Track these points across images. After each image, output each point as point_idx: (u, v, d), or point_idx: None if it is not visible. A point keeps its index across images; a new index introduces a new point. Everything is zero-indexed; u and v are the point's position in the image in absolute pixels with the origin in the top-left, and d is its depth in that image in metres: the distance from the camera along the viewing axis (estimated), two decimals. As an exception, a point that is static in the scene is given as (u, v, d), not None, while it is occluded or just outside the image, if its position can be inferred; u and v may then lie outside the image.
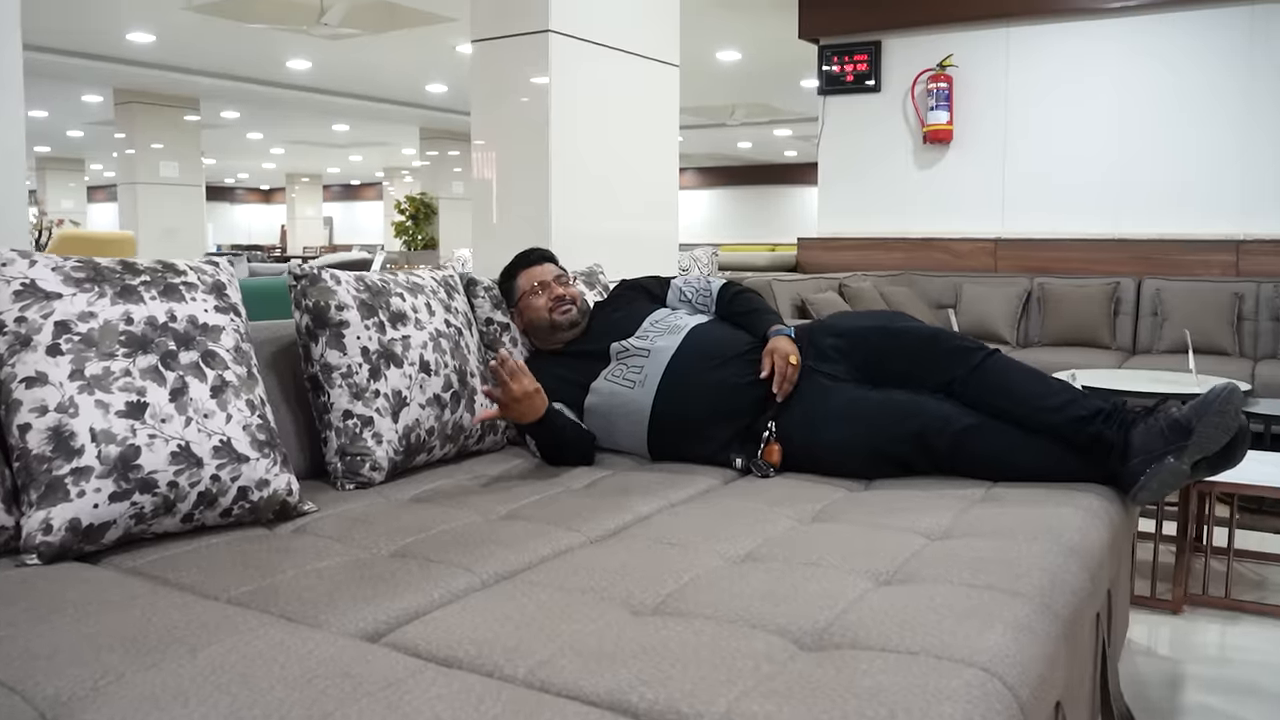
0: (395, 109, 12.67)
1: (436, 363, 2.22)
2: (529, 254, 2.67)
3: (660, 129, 3.96)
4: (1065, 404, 2.08)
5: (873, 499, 1.99)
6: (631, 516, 1.89)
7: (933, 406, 2.13)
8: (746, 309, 2.53)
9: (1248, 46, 5.31)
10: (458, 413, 2.26)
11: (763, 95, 12.09)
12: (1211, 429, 1.93)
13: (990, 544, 1.65)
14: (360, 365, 2.09)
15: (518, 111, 3.45)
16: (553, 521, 1.83)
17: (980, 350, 2.19)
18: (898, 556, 1.60)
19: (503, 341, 2.59)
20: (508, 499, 2.00)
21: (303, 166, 22.89)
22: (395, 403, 2.12)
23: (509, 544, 1.67)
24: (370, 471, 2.07)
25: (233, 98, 11.79)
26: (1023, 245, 5.91)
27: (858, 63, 6.28)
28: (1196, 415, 1.94)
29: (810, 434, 2.20)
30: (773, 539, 1.71)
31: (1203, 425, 1.93)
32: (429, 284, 2.36)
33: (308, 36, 8.27)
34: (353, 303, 2.12)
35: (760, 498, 2.00)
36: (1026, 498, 1.97)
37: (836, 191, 6.58)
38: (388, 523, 1.81)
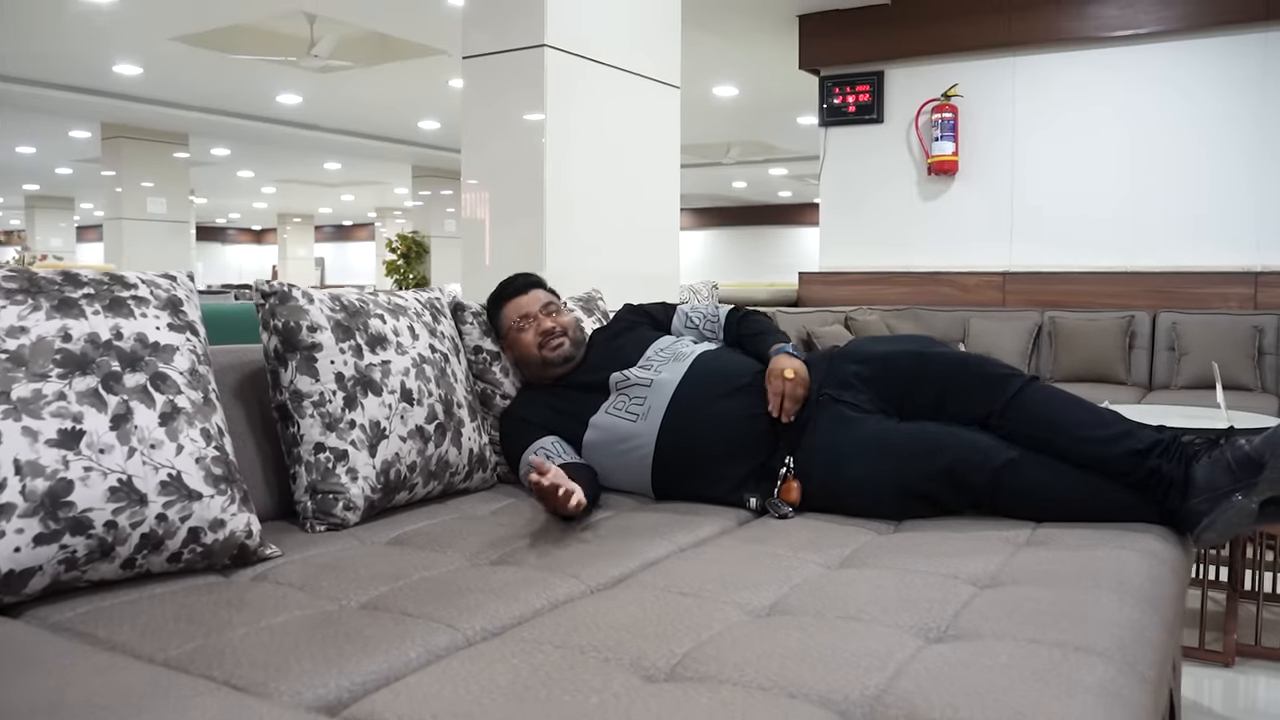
0: (387, 146, 12.54)
1: (420, 391, 2.02)
2: (512, 282, 2.45)
3: (660, 155, 3.78)
4: (1118, 436, 1.88)
5: (906, 542, 1.77)
6: (638, 562, 1.67)
7: (968, 439, 1.93)
8: (754, 331, 2.34)
9: (1261, 73, 5.18)
10: (443, 446, 2.05)
11: (759, 133, 12.00)
12: None
13: (1050, 593, 1.44)
14: (334, 393, 1.88)
15: (511, 133, 3.27)
16: (549, 568, 1.61)
17: (1018, 376, 1.99)
18: (946, 608, 1.39)
19: (492, 371, 2.38)
20: (498, 542, 1.78)
21: (294, 206, 22.75)
22: (373, 435, 1.91)
23: (499, 594, 1.46)
24: (344, 511, 1.85)
25: (222, 133, 11.65)
26: (1032, 278, 5.73)
27: (860, 94, 6.14)
28: (1270, 449, 1.74)
29: (832, 470, 1.99)
30: (800, 588, 1.50)
31: (1276, 460, 1.73)
32: (413, 306, 2.16)
33: (297, 69, 8.13)
34: (327, 324, 1.92)
35: (780, 541, 1.79)
36: (1079, 539, 1.76)
37: (838, 225, 6.41)
38: (360, 569, 1.59)
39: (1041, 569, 1.57)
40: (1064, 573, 1.54)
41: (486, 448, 2.23)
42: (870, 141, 6.19)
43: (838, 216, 6.41)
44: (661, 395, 2.15)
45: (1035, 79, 5.73)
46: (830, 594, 1.45)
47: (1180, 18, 5.26)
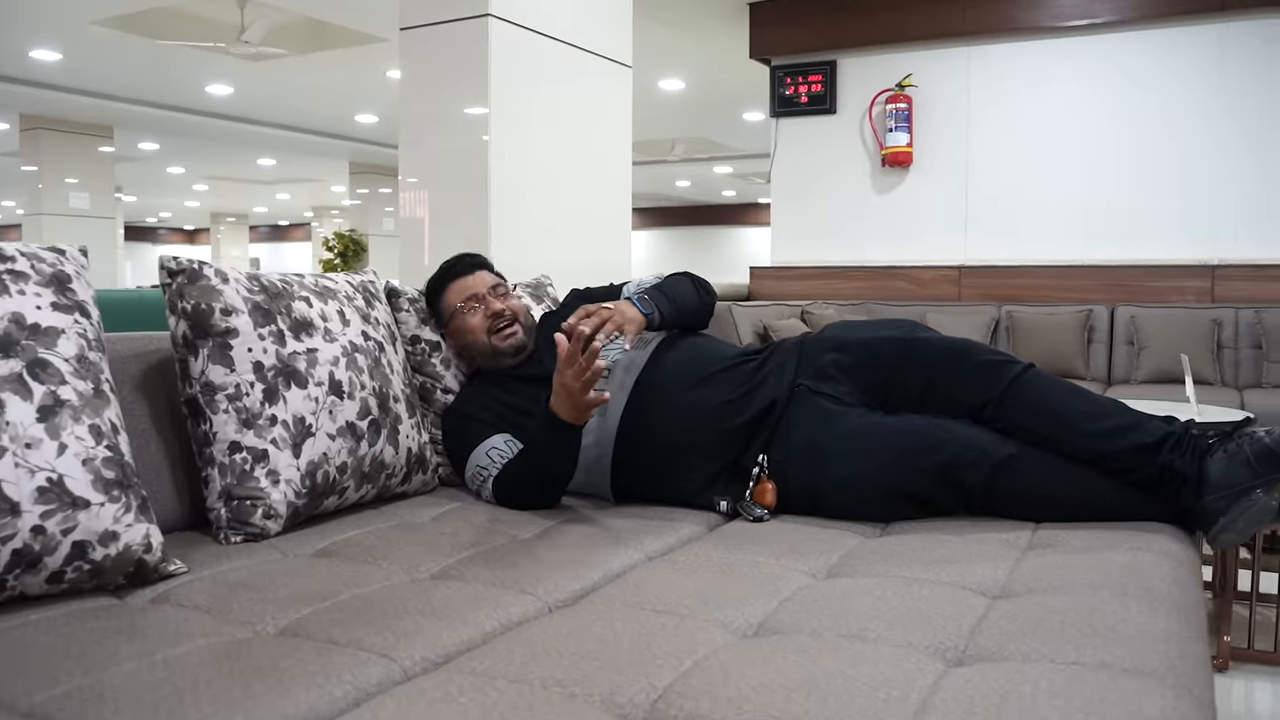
0: (323, 141, 12.15)
1: (351, 383, 1.79)
2: (457, 262, 2.22)
3: (612, 138, 3.59)
4: (1125, 428, 1.72)
5: (898, 546, 1.59)
6: (600, 574, 1.47)
7: (962, 434, 1.76)
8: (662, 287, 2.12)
9: (1217, 65, 5.13)
10: (377, 445, 1.82)
11: (705, 129, 11.85)
12: None
13: (1072, 603, 1.27)
14: (252, 385, 1.65)
15: (453, 112, 3.05)
16: (499, 582, 1.40)
17: (1014, 363, 1.82)
18: (961, 623, 1.21)
19: (432, 363, 2.16)
20: (439, 552, 1.56)
21: (228, 205, 22.11)
22: (297, 432, 1.68)
23: (442, 615, 1.25)
24: (263, 520, 1.63)
25: (150, 126, 11.18)
26: (988, 272, 5.63)
27: (812, 84, 6.00)
28: None
29: (812, 470, 1.81)
30: (790, 602, 1.31)
31: None
32: (343, 289, 1.94)
33: (228, 57, 7.79)
34: (244, 306, 1.68)
35: (759, 547, 1.59)
36: (1086, 541, 1.59)
37: (790, 219, 6.26)
38: (280, 587, 1.37)
39: (1056, 575, 1.40)
40: (1081, 579, 1.37)
41: (427, 447, 2.02)
42: (823, 133, 6.05)
43: (789, 210, 6.26)
44: (625, 386, 1.95)
45: (990, 69, 5.63)
46: (826, 609, 1.26)
47: (1136, 7, 5.20)
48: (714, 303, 2.24)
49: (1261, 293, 4.98)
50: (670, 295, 2.07)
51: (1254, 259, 5.08)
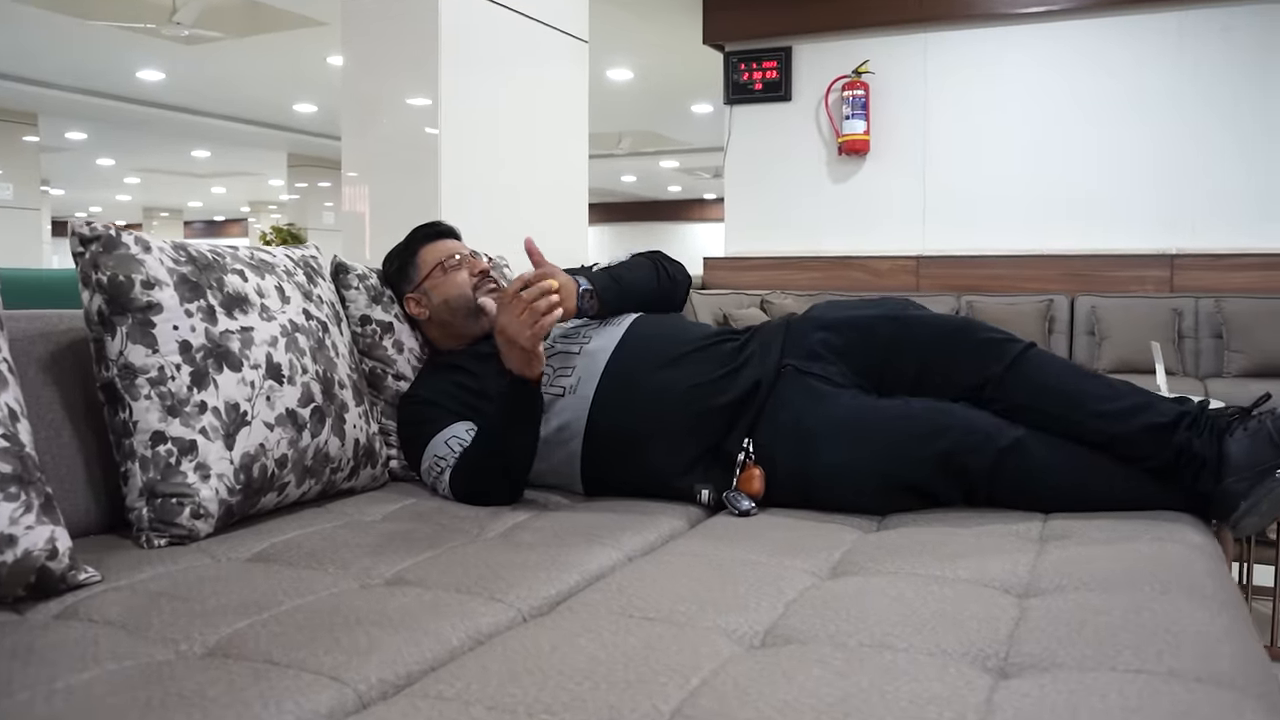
0: (260, 132, 11.78)
1: (292, 366, 1.60)
2: (434, 226, 2.08)
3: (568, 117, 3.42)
4: (1136, 408, 1.59)
5: (902, 541, 1.45)
6: (578, 577, 1.31)
7: (964, 417, 1.62)
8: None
9: (1177, 52, 5.10)
10: (321, 435, 1.64)
11: (653, 122, 11.70)
12: None
13: (1112, 600, 1.13)
14: (178, 367, 1.46)
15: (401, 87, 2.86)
16: (463, 587, 1.23)
17: (1015, 341, 1.69)
18: (996, 626, 1.07)
19: (383, 346, 1.97)
20: (394, 554, 1.39)
21: (161, 200, 21.46)
22: (230, 421, 1.49)
23: (400, 627, 1.07)
24: (191, 520, 1.43)
25: (77, 114, 10.73)
26: (947, 262, 5.55)
27: (767, 70, 5.87)
28: None
29: (802, 456, 1.66)
30: (798, 605, 1.16)
31: None
32: (282, 263, 1.74)
33: (159, 40, 7.45)
34: (168, 279, 1.49)
35: (751, 543, 1.44)
36: (1103, 532, 1.47)
37: (744, 208, 6.13)
38: (209, 598, 1.18)
39: (1084, 570, 1.26)
40: (1114, 574, 1.24)
41: (376, 437, 1.83)
42: (778, 120, 5.92)
43: (744, 200, 6.13)
44: (594, 363, 1.79)
45: (948, 56, 5.55)
46: (840, 612, 1.11)
47: (1093, -6, 5.17)
48: (685, 284, 2.09)
49: (1220, 282, 4.97)
50: (617, 275, 1.91)
51: (1212, 248, 5.06)
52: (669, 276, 2.04)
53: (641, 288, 1.95)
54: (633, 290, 1.91)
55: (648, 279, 1.99)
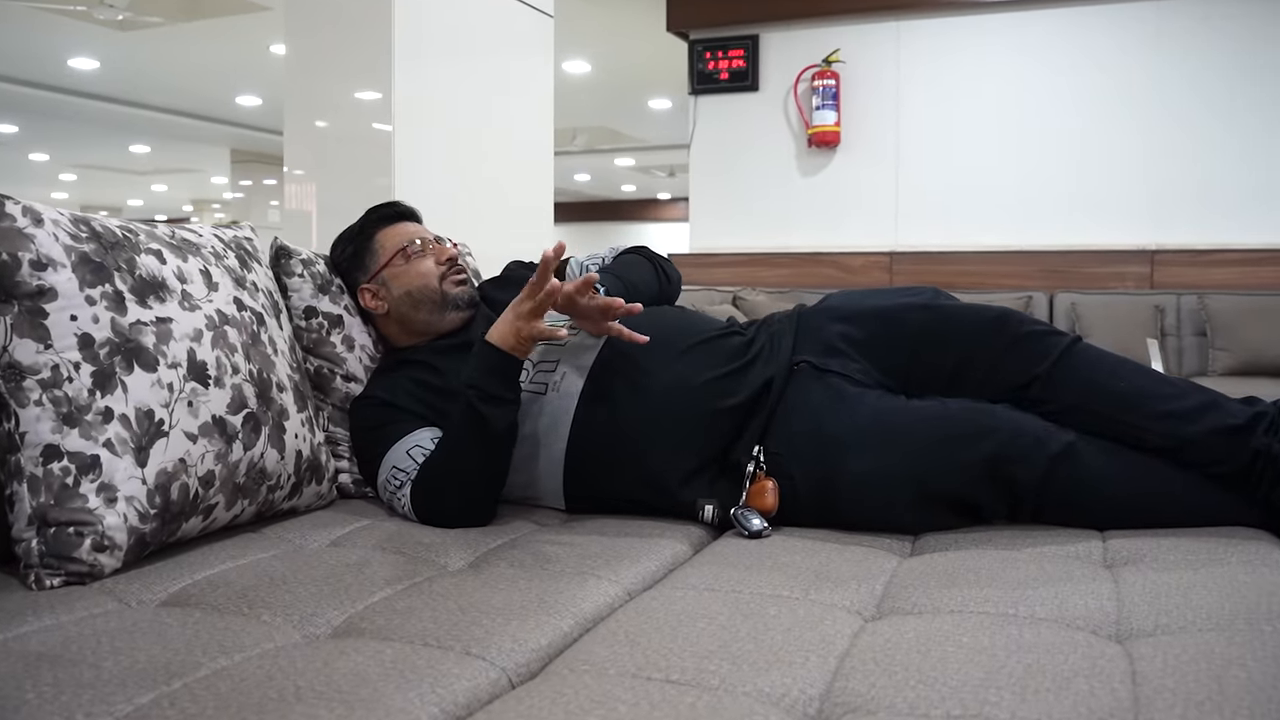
0: (202, 125, 11.33)
1: (220, 365, 1.34)
2: (391, 207, 1.82)
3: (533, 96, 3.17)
4: (1204, 407, 1.40)
5: (951, 568, 1.23)
6: (572, 622, 1.06)
7: (1009, 419, 1.41)
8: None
9: (1154, 43, 4.97)
10: (256, 447, 1.38)
11: (609, 118, 11.45)
12: None
13: (1239, 647, 0.92)
14: (77, 366, 1.20)
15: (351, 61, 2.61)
16: (433, 639, 0.99)
17: (1061, 335, 1.49)
18: (1114, 687, 0.85)
19: (330, 342, 1.71)
20: (343, 594, 1.14)
21: (99, 198, 20.77)
22: (143, 431, 1.23)
23: (355, 701, 0.83)
24: (93, 554, 1.17)
25: (5, 105, 10.21)
26: (921, 258, 5.37)
27: (733, 59, 5.65)
28: None
29: (823, 466, 1.43)
30: (855, 660, 0.93)
31: None
32: (210, 244, 1.48)
33: (92, 25, 7.07)
34: (65, 258, 1.22)
35: (774, 575, 1.21)
36: (1177, 553, 1.27)
37: (711, 203, 5.90)
38: (108, 660, 0.93)
39: (1183, 604, 1.05)
40: (1220, 609, 1.03)
41: (322, 449, 1.57)
42: (745, 111, 5.70)
43: (710, 194, 5.90)
44: (581, 359, 1.55)
45: (921, 45, 5.37)
46: (912, 670, 0.88)
47: (1069, -17, 5.02)
48: (679, 283, 1.86)
49: (1200, 278, 4.84)
50: (625, 279, 1.68)
51: (1193, 244, 4.93)
52: (667, 278, 1.82)
53: (647, 292, 1.72)
54: (640, 295, 1.68)
55: (650, 281, 1.76)
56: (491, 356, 1.46)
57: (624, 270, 1.74)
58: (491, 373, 1.45)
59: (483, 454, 1.47)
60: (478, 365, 1.46)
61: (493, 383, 1.45)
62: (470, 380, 1.46)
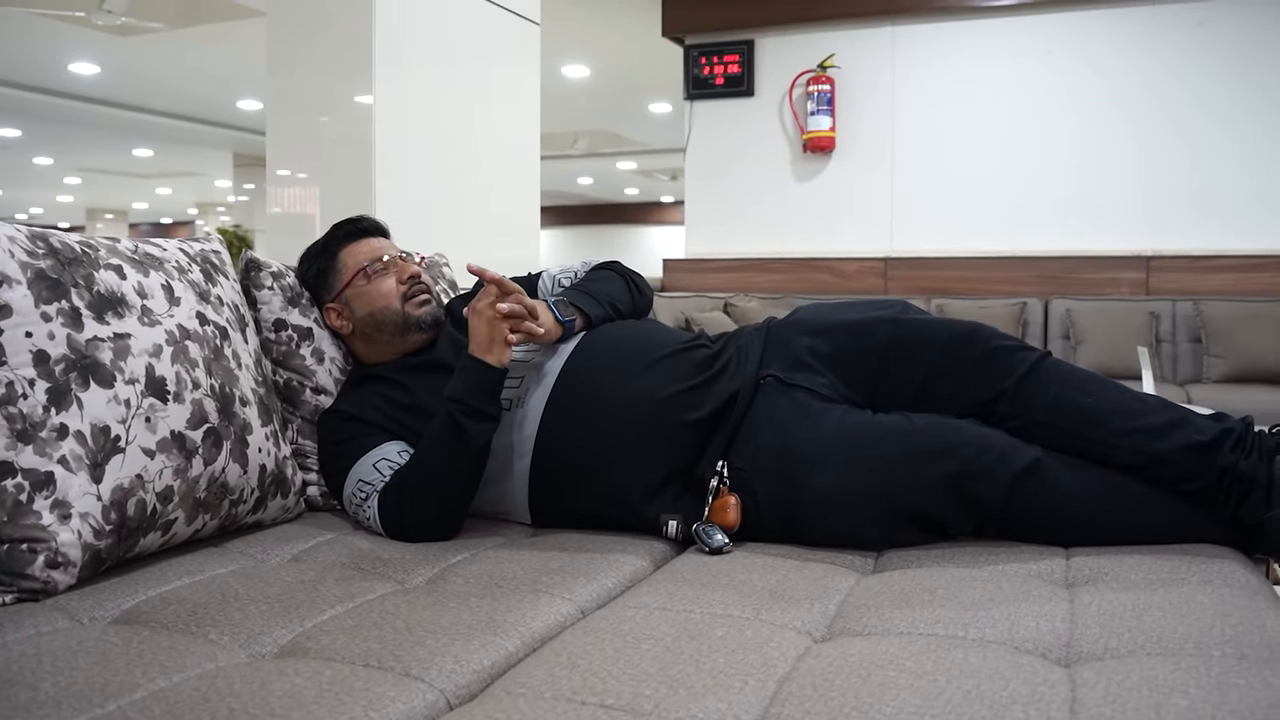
0: (204, 129, 11.36)
1: (180, 380, 1.34)
2: (355, 222, 1.80)
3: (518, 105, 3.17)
4: (1172, 424, 1.39)
5: (908, 586, 1.22)
6: (518, 643, 1.06)
7: (975, 434, 1.41)
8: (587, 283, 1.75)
9: (1151, 48, 4.95)
10: (217, 462, 1.38)
11: (609, 122, 11.45)
12: None
13: (1184, 673, 0.91)
14: (32, 383, 1.20)
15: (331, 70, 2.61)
16: (374, 660, 0.98)
17: (1030, 349, 1.48)
18: (1049, 714, 0.84)
19: (299, 354, 1.71)
20: (294, 612, 1.13)
21: (105, 201, 20.81)
22: (98, 448, 1.22)
23: (283, 725, 0.82)
24: (46, 570, 1.17)
25: (7, 109, 10.24)
26: (916, 264, 5.35)
27: (728, 64, 5.65)
28: None
29: (788, 481, 1.42)
30: (794, 684, 0.92)
31: None
32: (174, 258, 1.48)
33: (92, 31, 7.08)
34: (19, 275, 1.22)
35: (729, 593, 1.20)
36: (1139, 571, 1.26)
37: (706, 208, 5.90)
38: (47, 681, 0.92)
39: (1135, 626, 1.05)
40: (1173, 632, 1.02)
41: (288, 462, 1.57)
42: (740, 116, 5.70)
43: (705, 199, 5.90)
44: (547, 370, 1.55)
45: (916, 50, 5.36)
46: (849, 695, 0.88)
47: (1067, -14, 5.00)
48: (651, 299, 1.85)
49: (1196, 284, 4.82)
50: (599, 298, 1.67)
51: (1189, 250, 4.91)
52: (639, 291, 1.80)
53: (620, 306, 1.71)
54: (613, 310, 1.67)
55: (624, 296, 1.75)
56: (476, 370, 1.46)
57: (596, 284, 1.73)
58: (475, 387, 1.46)
59: (457, 468, 1.47)
60: (462, 380, 1.46)
61: (476, 397, 1.45)
62: (453, 394, 1.46)
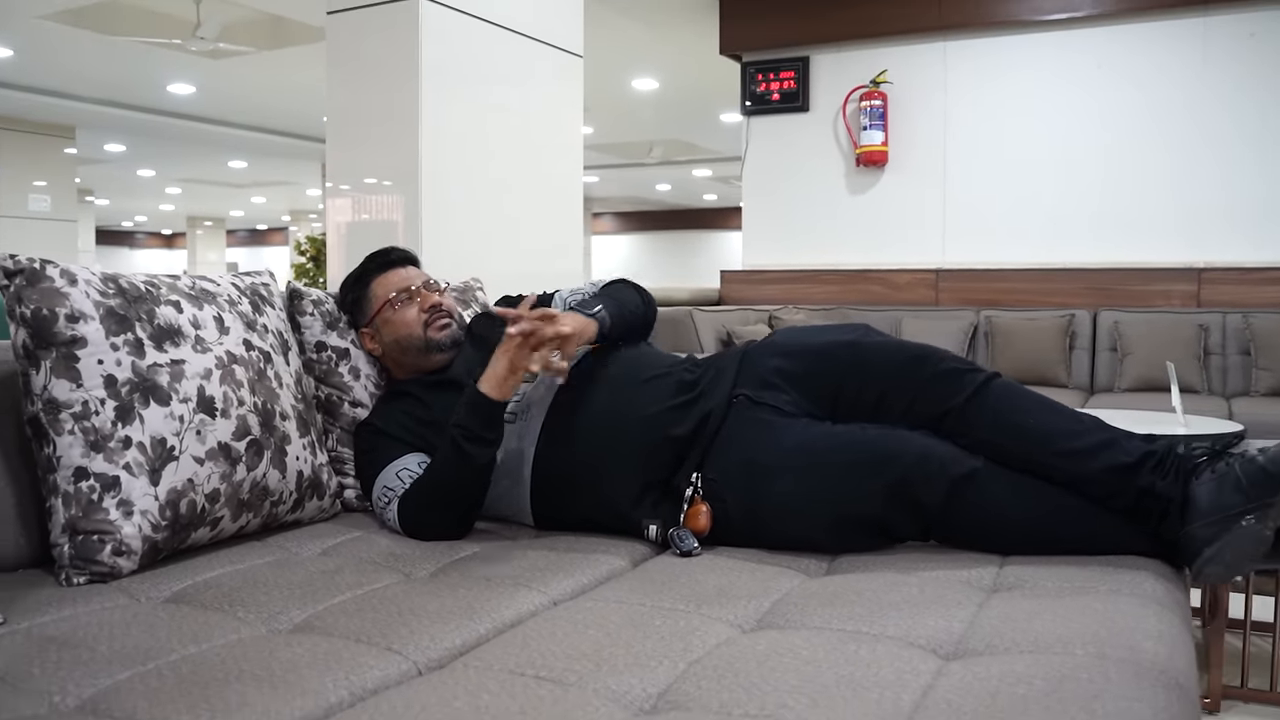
0: (293, 142, 11.88)
1: (226, 399, 1.57)
2: (385, 254, 2.04)
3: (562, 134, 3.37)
4: (1101, 446, 1.52)
5: (842, 588, 1.39)
6: (489, 626, 1.26)
7: (919, 445, 1.55)
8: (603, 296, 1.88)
9: (1201, 59, 4.95)
10: (259, 469, 1.60)
11: (682, 131, 11.64)
12: None
13: (1039, 668, 1.06)
14: (103, 402, 1.44)
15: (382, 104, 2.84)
16: (365, 636, 1.19)
17: (977, 371, 1.62)
18: (900, 699, 1.00)
19: (339, 372, 1.94)
20: (311, 596, 1.35)
21: (203, 209, 21.76)
22: (156, 456, 1.46)
23: (280, 682, 1.03)
24: (113, 557, 1.41)
25: (113, 126, 10.89)
26: (967, 276, 5.43)
27: (784, 80, 5.79)
28: None
29: (751, 491, 1.60)
30: (701, 665, 1.10)
31: None
32: (226, 292, 1.72)
33: (188, 55, 7.54)
34: (94, 312, 1.46)
35: (682, 590, 1.38)
36: (1059, 581, 1.40)
37: (762, 220, 6.05)
38: (103, 644, 1.15)
39: (1023, 628, 1.20)
40: (1052, 634, 1.17)
41: (324, 469, 1.80)
42: (795, 131, 5.84)
43: (761, 211, 6.06)
44: (545, 389, 1.75)
45: (968, 65, 5.44)
46: (743, 677, 1.05)
47: (1117, 0, 5.02)
48: (655, 314, 2.02)
49: (1249, 297, 4.80)
50: (618, 300, 1.86)
51: (1241, 262, 4.89)
52: (645, 303, 1.95)
53: (637, 319, 1.88)
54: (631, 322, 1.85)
55: (639, 305, 1.91)
56: (477, 401, 1.64)
57: (615, 294, 1.90)
58: (475, 415, 1.64)
59: (463, 484, 1.67)
60: (465, 409, 1.65)
61: (476, 424, 1.64)
62: (457, 420, 1.66)
